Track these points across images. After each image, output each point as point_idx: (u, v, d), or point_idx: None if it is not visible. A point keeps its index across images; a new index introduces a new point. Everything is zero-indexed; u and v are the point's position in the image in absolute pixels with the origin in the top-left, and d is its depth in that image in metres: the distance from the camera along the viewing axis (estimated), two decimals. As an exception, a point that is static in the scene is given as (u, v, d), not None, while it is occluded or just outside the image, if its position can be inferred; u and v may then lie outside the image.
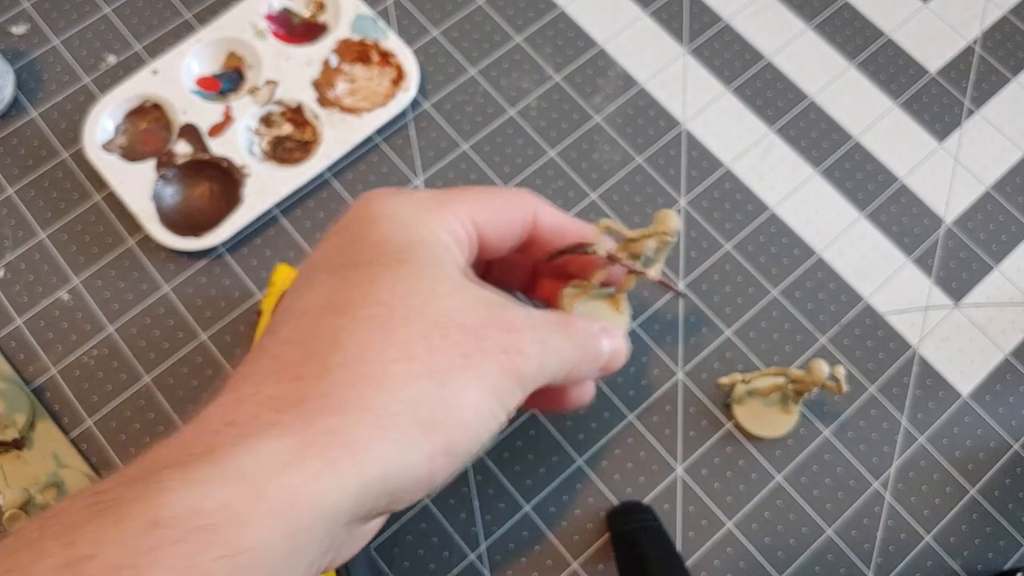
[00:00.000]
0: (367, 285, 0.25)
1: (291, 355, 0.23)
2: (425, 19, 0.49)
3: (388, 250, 0.26)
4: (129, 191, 0.44)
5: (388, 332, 0.24)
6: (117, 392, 0.42)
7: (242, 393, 0.23)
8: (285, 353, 0.23)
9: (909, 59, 0.49)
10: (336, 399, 0.22)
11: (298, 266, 0.33)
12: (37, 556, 0.18)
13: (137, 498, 0.19)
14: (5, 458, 0.40)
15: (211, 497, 0.19)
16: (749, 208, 0.46)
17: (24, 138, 0.46)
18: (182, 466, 0.20)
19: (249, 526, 0.19)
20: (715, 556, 0.40)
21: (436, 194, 0.29)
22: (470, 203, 0.29)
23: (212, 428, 0.21)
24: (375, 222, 0.27)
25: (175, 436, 0.22)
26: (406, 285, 0.25)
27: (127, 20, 0.49)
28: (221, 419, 0.22)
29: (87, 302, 0.43)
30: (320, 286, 0.25)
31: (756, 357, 0.43)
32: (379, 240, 0.26)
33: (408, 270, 0.25)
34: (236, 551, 0.19)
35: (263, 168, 0.45)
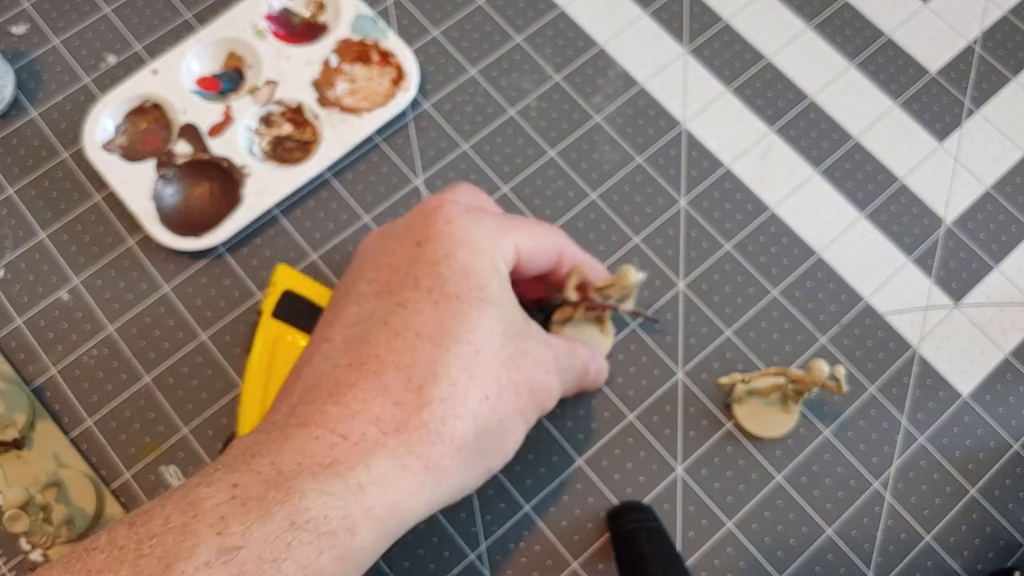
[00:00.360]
0: (459, 321, 0.29)
1: (392, 378, 0.27)
2: (425, 19, 0.49)
3: (473, 285, 0.30)
4: (129, 191, 0.44)
5: (472, 372, 0.28)
6: (117, 392, 0.42)
7: (350, 407, 0.27)
8: (386, 373, 0.27)
9: (909, 59, 0.49)
10: (430, 432, 0.27)
11: (364, 241, 0.35)
12: (192, 541, 0.21)
13: (281, 500, 0.23)
14: (5, 458, 0.40)
15: (337, 507, 0.23)
16: (749, 208, 0.46)
17: (24, 138, 0.46)
18: (313, 476, 0.24)
19: (359, 532, 0.24)
20: (715, 556, 0.40)
21: (499, 221, 0.33)
22: (522, 234, 0.34)
23: (329, 440, 0.26)
24: (458, 247, 0.31)
25: (278, 429, 0.27)
26: (488, 327, 0.29)
27: (127, 20, 0.49)
28: (334, 429, 0.26)
29: (87, 302, 0.43)
30: (411, 304, 0.29)
31: (756, 357, 0.43)
32: (463, 271, 0.30)
33: (490, 312, 0.29)
34: (347, 552, 0.23)
35: (263, 168, 0.45)
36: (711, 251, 0.45)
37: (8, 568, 0.39)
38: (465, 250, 0.31)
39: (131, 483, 0.40)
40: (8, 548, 0.39)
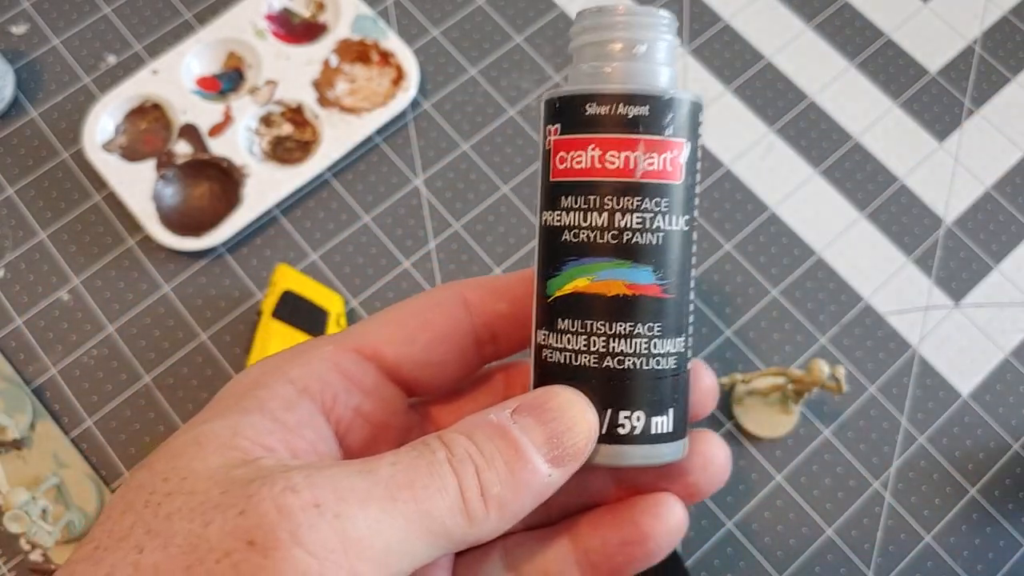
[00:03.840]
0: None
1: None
2: (425, 19, 0.49)
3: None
4: (129, 191, 0.44)
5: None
6: (117, 392, 0.42)
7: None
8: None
9: (909, 59, 0.49)
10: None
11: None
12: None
13: None
14: (5, 458, 0.40)
15: None
16: (749, 208, 0.46)
17: (24, 138, 0.46)
18: None
19: None
20: (715, 556, 0.40)
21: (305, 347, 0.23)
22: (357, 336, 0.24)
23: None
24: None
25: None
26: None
27: (127, 20, 0.49)
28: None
29: (87, 302, 0.43)
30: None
31: (756, 357, 0.43)
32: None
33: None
34: None
35: (263, 168, 0.45)
36: (711, 251, 0.45)
37: (8, 568, 0.39)
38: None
39: (131, 483, 0.40)
40: (8, 548, 0.39)
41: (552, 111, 0.23)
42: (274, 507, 0.18)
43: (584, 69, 0.23)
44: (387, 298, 0.43)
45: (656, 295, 0.22)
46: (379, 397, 0.24)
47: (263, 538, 0.18)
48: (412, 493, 0.19)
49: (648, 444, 0.22)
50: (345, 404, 0.23)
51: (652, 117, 0.22)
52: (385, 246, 0.44)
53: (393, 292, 0.44)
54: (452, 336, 0.24)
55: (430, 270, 0.44)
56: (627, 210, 0.22)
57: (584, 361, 0.22)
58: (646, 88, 0.22)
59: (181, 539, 0.18)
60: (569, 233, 0.22)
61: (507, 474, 0.20)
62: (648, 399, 0.22)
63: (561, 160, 0.22)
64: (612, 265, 0.22)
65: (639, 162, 0.22)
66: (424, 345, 0.24)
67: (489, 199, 0.45)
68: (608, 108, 0.22)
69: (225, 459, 0.20)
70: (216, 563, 0.18)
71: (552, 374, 0.22)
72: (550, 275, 0.22)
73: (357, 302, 0.43)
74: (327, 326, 0.41)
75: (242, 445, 0.20)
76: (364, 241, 0.45)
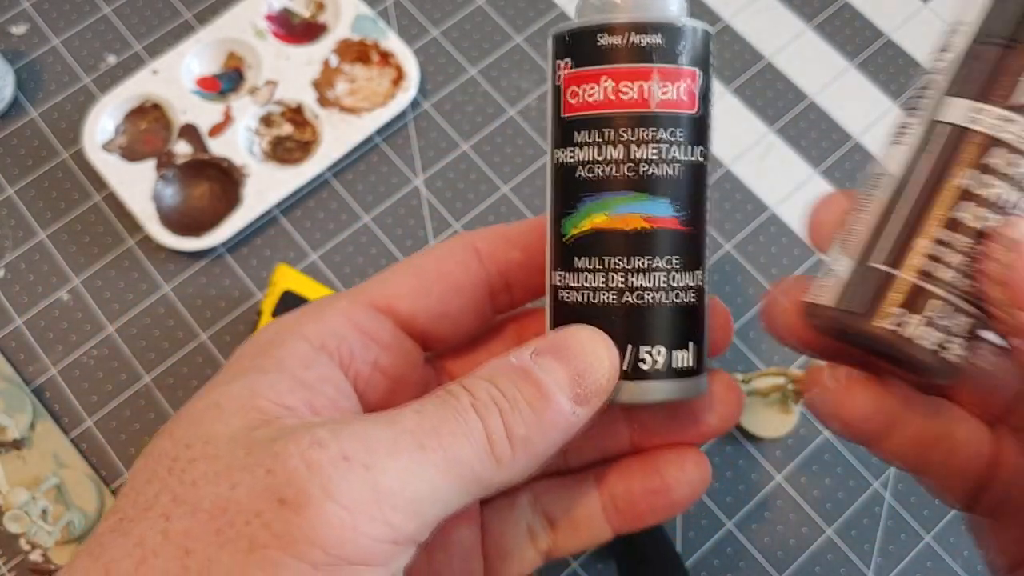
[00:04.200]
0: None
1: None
2: (425, 19, 0.49)
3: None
4: (129, 191, 0.44)
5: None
6: (117, 392, 0.42)
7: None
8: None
9: (909, 59, 0.49)
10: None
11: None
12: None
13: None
14: (5, 458, 0.40)
15: None
16: (749, 208, 0.46)
17: (24, 138, 0.46)
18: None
19: None
20: (715, 556, 0.40)
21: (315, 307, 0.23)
22: (372, 290, 0.24)
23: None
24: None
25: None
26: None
27: (127, 20, 0.49)
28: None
29: (87, 302, 0.43)
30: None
31: (756, 357, 0.43)
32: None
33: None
34: None
35: (263, 168, 0.45)
36: (711, 251, 0.45)
37: (8, 568, 0.39)
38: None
39: (131, 483, 0.40)
40: (8, 548, 0.39)
41: (562, 45, 0.22)
42: (303, 463, 0.18)
43: (593, 2, 0.22)
44: (387, 298, 0.43)
45: (675, 227, 0.22)
46: (396, 351, 0.23)
47: (294, 495, 0.17)
48: (439, 440, 0.19)
49: (670, 380, 0.22)
50: (363, 359, 0.23)
51: (665, 46, 0.21)
52: (385, 246, 0.44)
53: (393, 292, 0.44)
54: (466, 286, 0.24)
55: (430, 270, 0.44)
56: (643, 141, 0.21)
57: (603, 299, 0.22)
58: (658, 17, 0.21)
59: (209, 503, 0.18)
60: (584, 169, 0.22)
61: (531, 415, 0.20)
62: (669, 334, 0.22)
63: (573, 95, 0.22)
64: (630, 199, 0.21)
65: (654, 92, 0.21)
66: (438, 297, 0.24)
67: (489, 199, 0.45)
68: (620, 38, 0.21)
69: (246, 421, 0.19)
70: (246, 524, 0.17)
71: (571, 314, 0.22)
72: (566, 214, 0.22)
73: (357, 302, 0.43)
74: (327, 326, 0.41)
75: (262, 406, 0.20)
76: (364, 241, 0.45)
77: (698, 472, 0.25)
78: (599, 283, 0.22)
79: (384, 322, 0.23)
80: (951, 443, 0.23)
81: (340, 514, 0.17)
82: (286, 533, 0.17)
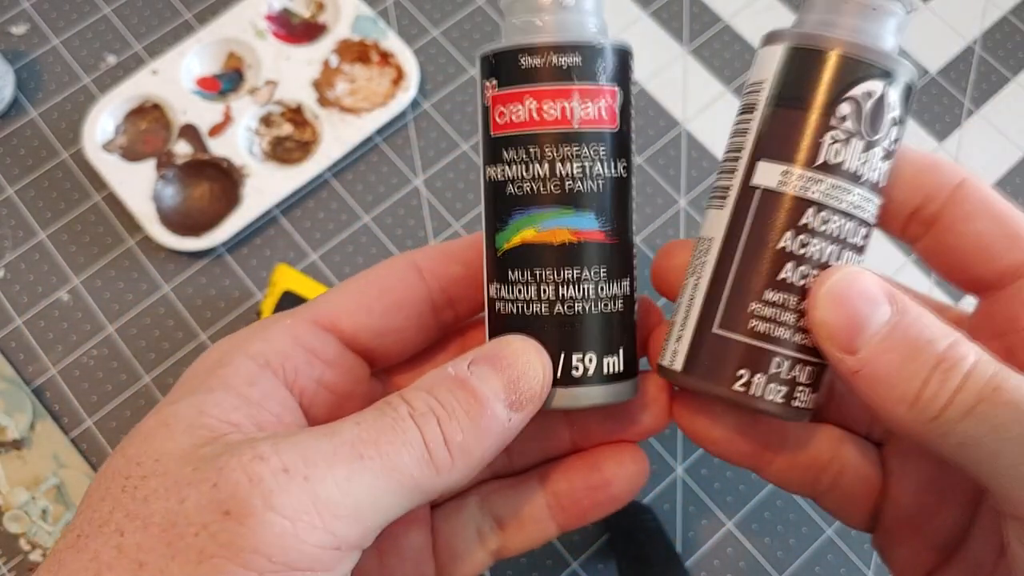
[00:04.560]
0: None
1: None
2: (425, 19, 0.49)
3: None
4: (129, 191, 0.44)
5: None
6: (117, 392, 0.42)
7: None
8: None
9: (909, 59, 0.49)
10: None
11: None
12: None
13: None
14: (5, 458, 0.40)
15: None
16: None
17: (24, 138, 0.46)
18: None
19: None
20: (715, 556, 0.40)
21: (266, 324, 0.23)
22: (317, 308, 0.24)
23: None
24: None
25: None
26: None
27: (127, 20, 0.49)
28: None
29: (87, 302, 0.43)
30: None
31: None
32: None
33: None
34: None
35: (263, 168, 0.45)
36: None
37: (8, 568, 0.39)
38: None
39: (131, 483, 0.40)
40: (8, 548, 0.39)
41: (488, 66, 0.23)
42: (244, 476, 0.18)
43: (516, 24, 0.23)
44: (387, 298, 0.43)
45: (600, 240, 0.23)
46: (341, 367, 0.24)
47: (237, 507, 0.18)
48: (377, 449, 0.19)
49: (601, 384, 0.23)
50: (307, 376, 0.23)
51: (584, 66, 0.22)
52: (385, 246, 0.45)
53: (393, 292, 0.44)
54: (408, 303, 0.25)
55: (430, 270, 0.44)
56: (567, 158, 0.22)
57: (536, 309, 0.23)
58: (577, 38, 0.22)
59: (159, 517, 0.18)
60: (513, 186, 0.22)
61: (468, 422, 0.21)
62: (599, 341, 0.23)
63: (500, 115, 0.23)
64: (556, 214, 0.22)
65: (575, 111, 0.22)
66: (381, 313, 0.24)
67: (489, 199, 0.45)
68: (541, 59, 0.22)
69: (193, 438, 0.20)
70: (195, 536, 0.18)
71: (506, 325, 0.23)
72: (498, 229, 0.23)
73: (357, 302, 0.43)
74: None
75: (208, 423, 0.20)
76: (364, 241, 0.45)
77: (636, 466, 0.26)
78: (531, 295, 0.23)
79: (328, 339, 0.24)
80: (838, 466, 0.25)
81: (282, 523, 0.18)
82: (232, 543, 0.18)
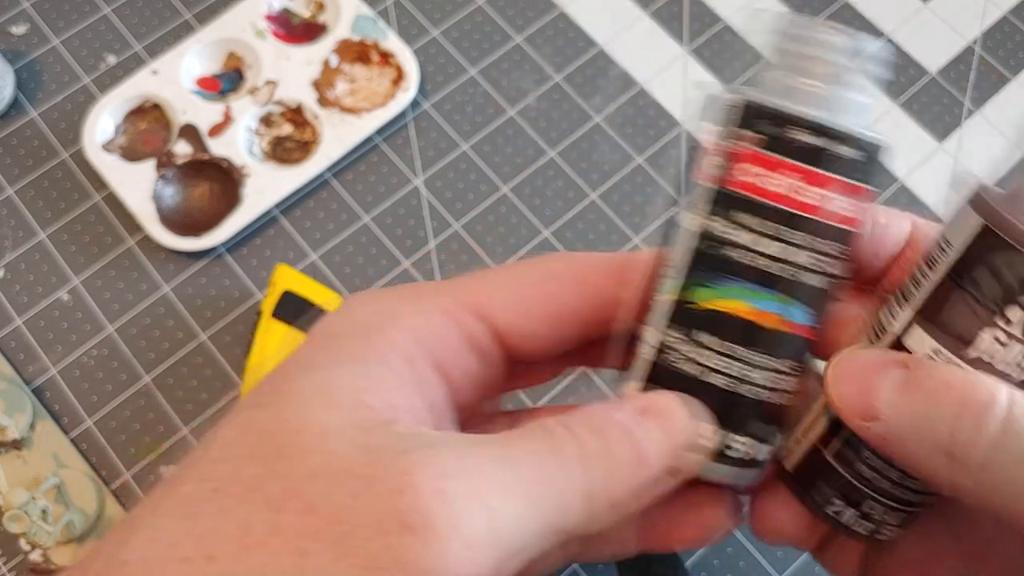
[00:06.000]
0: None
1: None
2: (425, 19, 0.49)
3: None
4: (129, 191, 0.44)
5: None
6: (117, 392, 0.42)
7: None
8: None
9: (909, 59, 0.49)
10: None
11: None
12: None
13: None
14: (5, 458, 0.40)
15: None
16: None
17: (24, 138, 0.46)
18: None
19: None
20: (715, 556, 0.40)
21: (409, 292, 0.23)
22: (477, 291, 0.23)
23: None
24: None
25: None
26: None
27: (127, 20, 0.49)
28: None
29: (87, 302, 0.43)
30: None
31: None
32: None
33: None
34: None
35: (263, 168, 0.45)
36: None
37: (8, 568, 0.39)
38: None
39: (131, 483, 0.40)
40: (8, 548, 0.39)
41: (744, 115, 0.21)
42: (432, 492, 0.17)
43: (794, 84, 0.21)
44: (387, 298, 0.43)
45: (805, 335, 0.21)
46: (488, 360, 0.23)
47: (421, 523, 0.17)
48: (547, 490, 0.19)
49: (744, 468, 0.22)
50: (456, 365, 0.22)
51: (862, 163, 0.21)
52: (385, 246, 0.45)
53: (393, 292, 0.44)
54: (567, 317, 0.23)
55: (430, 270, 0.44)
56: (805, 247, 0.21)
57: (716, 380, 0.21)
58: (866, 134, 0.21)
59: (327, 508, 0.17)
60: (736, 250, 0.21)
61: (630, 479, 0.20)
62: (765, 430, 0.22)
63: (744, 172, 0.21)
64: (774, 297, 0.21)
65: (832, 203, 0.20)
66: (538, 319, 0.23)
67: (489, 199, 0.45)
68: (818, 140, 0.20)
69: (356, 417, 0.19)
70: (368, 541, 0.17)
71: (674, 380, 0.22)
72: (701, 282, 0.21)
73: (357, 302, 0.43)
74: (327, 326, 0.41)
75: (370, 402, 0.19)
76: (364, 241, 0.45)
77: (732, 521, 0.25)
78: (716, 364, 0.21)
79: (483, 329, 0.23)
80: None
81: (461, 552, 0.17)
82: (408, 560, 0.17)
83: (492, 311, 0.23)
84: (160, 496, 0.19)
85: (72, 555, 0.38)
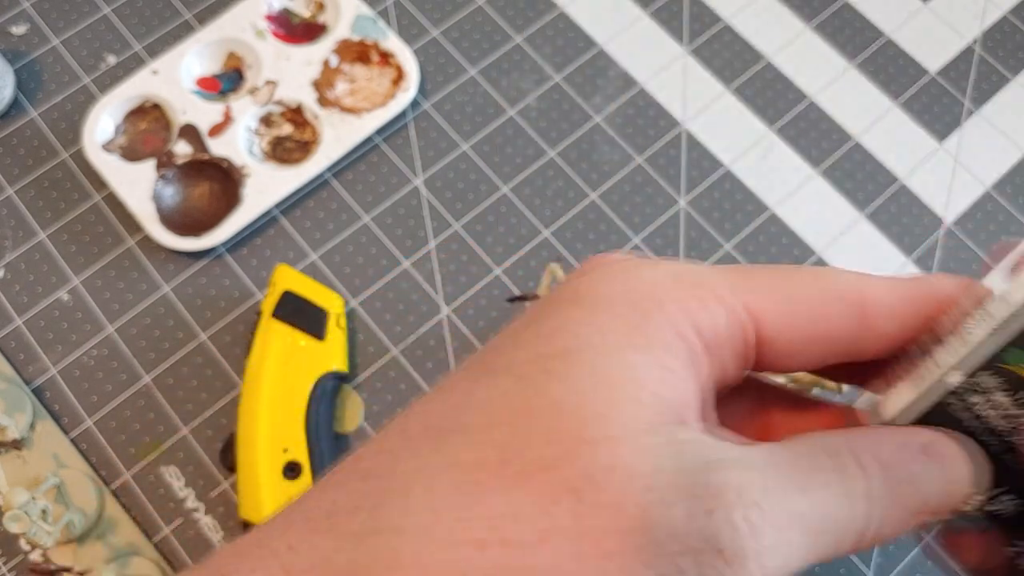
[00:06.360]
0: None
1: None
2: (425, 19, 0.49)
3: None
4: (129, 191, 0.44)
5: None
6: (117, 392, 0.42)
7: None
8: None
9: (909, 59, 0.49)
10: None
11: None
12: None
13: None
14: (5, 458, 0.40)
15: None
16: (749, 208, 0.46)
17: (24, 138, 0.46)
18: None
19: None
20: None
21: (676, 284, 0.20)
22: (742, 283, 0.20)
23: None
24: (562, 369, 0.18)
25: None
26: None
27: (127, 20, 0.49)
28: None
29: (87, 302, 0.43)
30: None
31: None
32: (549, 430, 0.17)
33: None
34: None
35: (263, 168, 0.45)
36: (711, 251, 0.45)
37: (8, 568, 0.39)
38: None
39: (131, 483, 0.40)
40: (8, 548, 0.39)
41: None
42: (744, 521, 0.17)
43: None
44: (387, 298, 0.43)
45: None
46: (744, 359, 0.21)
47: (731, 548, 0.17)
48: (832, 526, 0.18)
49: (982, 521, 0.22)
50: (726, 370, 0.20)
51: None
52: (385, 246, 0.45)
53: (393, 292, 0.44)
54: (834, 341, 0.21)
55: (430, 270, 0.44)
56: None
57: (990, 440, 0.21)
58: None
59: (633, 510, 0.16)
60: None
61: (901, 521, 0.19)
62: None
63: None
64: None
65: None
66: (803, 340, 0.21)
67: (489, 199, 0.45)
68: None
69: (656, 413, 0.18)
70: (679, 555, 0.16)
71: (962, 424, 0.21)
72: (1019, 345, 0.20)
73: (357, 302, 0.43)
74: (327, 326, 0.41)
75: (669, 399, 0.18)
76: (364, 241, 0.45)
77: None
78: (999, 425, 0.20)
79: (752, 330, 0.20)
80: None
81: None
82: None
83: (764, 316, 0.20)
84: (428, 452, 0.17)
85: (72, 555, 0.38)
